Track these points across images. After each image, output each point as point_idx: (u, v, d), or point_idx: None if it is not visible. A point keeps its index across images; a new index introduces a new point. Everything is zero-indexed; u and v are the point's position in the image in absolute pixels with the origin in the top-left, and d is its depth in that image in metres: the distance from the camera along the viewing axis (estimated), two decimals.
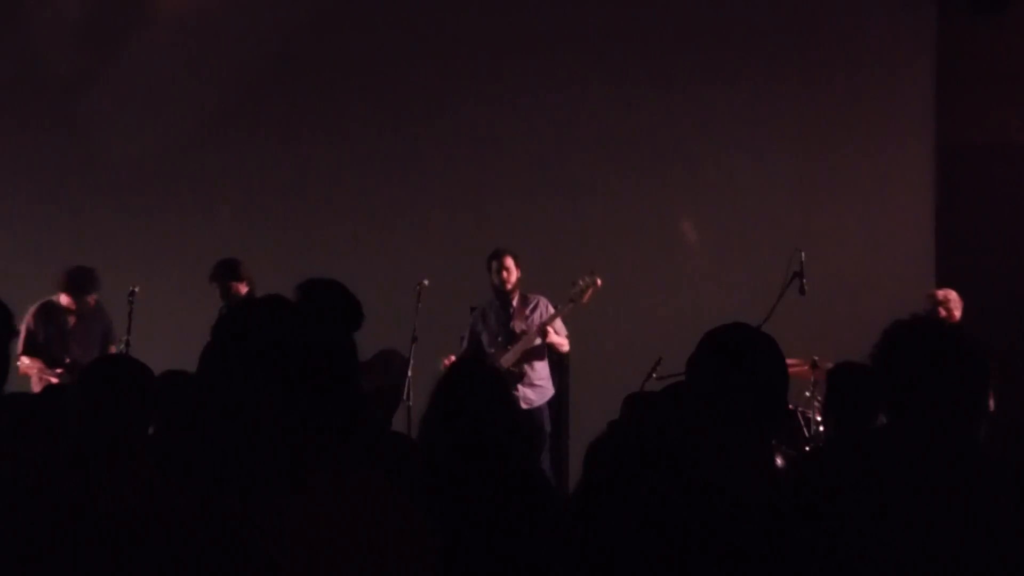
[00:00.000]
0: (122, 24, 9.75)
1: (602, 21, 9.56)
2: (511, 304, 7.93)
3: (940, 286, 8.29)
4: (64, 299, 7.85)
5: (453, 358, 7.85)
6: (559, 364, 8.20)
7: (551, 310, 7.89)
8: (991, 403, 7.50)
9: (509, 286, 7.89)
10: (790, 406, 6.71)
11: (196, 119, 9.62)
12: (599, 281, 7.78)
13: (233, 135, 9.65)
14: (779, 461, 4.66)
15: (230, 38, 9.65)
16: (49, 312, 7.94)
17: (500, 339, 7.89)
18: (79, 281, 7.83)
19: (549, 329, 7.76)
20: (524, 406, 7.61)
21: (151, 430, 3.89)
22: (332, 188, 9.63)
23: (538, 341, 7.82)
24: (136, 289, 7.94)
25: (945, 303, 7.71)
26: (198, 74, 9.66)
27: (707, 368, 2.71)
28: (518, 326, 7.86)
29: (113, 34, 9.77)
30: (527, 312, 7.92)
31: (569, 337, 7.94)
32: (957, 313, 7.71)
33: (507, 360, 7.75)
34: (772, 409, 2.70)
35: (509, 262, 7.89)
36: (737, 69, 9.42)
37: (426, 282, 7.97)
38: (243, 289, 7.90)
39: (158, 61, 9.65)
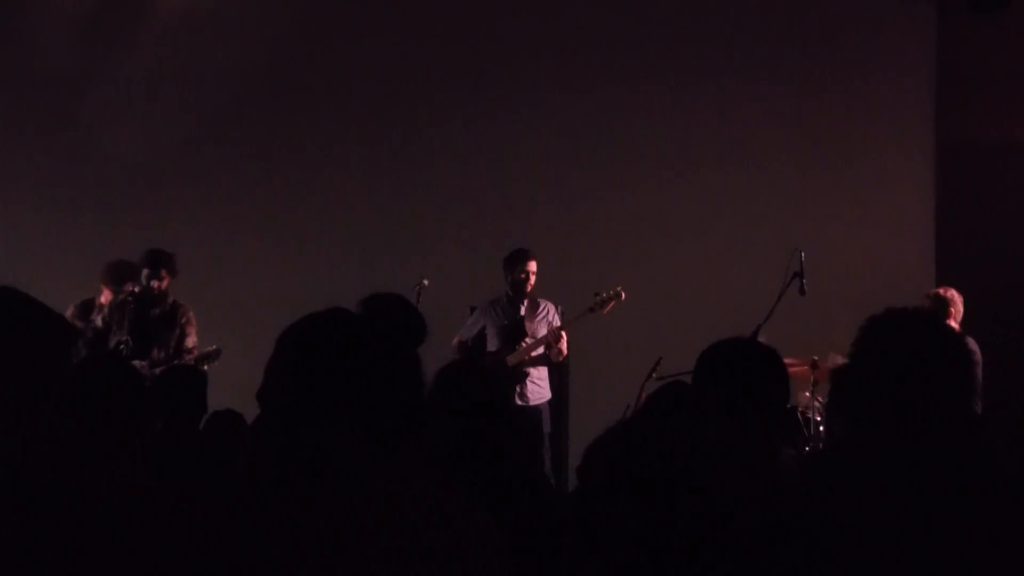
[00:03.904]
0: (121, 24, 9.74)
1: (604, 27, 9.56)
2: (521, 304, 7.94)
3: (940, 286, 8.27)
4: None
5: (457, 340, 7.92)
6: (559, 365, 8.20)
7: (557, 317, 7.92)
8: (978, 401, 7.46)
9: (530, 288, 7.91)
10: (789, 406, 6.69)
11: (197, 119, 9.61)
12: (623, 295, 7.81)
13: (233, 135, 9.66)
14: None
15: (231, 38, 9.64)
16: None
17: (508, 337, 7.89)
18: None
19: (563, 334, 7.78)
20: (520, 403, 7.63)
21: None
22: (332, 188, 9.63)
23: (541, 349, 7.83)
24: (136, 289, 7.92)
25: (945, 303, 7.70)
26: (199, 74, 9.65)
27: (709, 388, 2.71)
28: (529, 328, 7.87)
29: (112, 34, 9.76)
30: (536, 315, 7.93)
31: (568, 344, 7.93)
32: (957, 312, 7.70)
33: (513, 358, 7.77)
34: (773, 416, 2.70)
35: (535, 266, 7.92)
36: (738, 70, 9.42)
37: (426, 282, 7.96)
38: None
39: (158, 61, 9.64)
